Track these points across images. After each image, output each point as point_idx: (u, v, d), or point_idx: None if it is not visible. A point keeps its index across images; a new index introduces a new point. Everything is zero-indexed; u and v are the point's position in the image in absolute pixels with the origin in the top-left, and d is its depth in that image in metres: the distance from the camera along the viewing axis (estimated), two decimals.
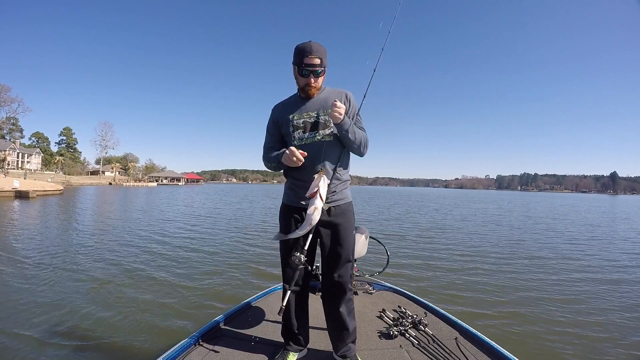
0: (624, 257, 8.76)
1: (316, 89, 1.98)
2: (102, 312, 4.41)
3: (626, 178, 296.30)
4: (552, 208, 32.34)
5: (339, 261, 2.01)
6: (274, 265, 6.89)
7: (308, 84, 1.93)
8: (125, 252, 7.76)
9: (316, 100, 2.00)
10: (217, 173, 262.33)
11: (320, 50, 1.89)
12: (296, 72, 1.95)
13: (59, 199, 26.37)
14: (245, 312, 2.74)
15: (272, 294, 3.18)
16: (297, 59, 1.91)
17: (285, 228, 2.03)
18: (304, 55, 1.87)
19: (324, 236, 2.00)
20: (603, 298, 5.37)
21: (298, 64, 1.90)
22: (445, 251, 8.83)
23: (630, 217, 23.05)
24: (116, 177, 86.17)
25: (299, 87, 2.01)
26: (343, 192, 2.04)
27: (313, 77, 1.91)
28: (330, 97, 1.99)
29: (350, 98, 2.06)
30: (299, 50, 1.89)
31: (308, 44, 1.88)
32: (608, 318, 4.58)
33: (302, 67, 1.89)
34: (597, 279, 6.42)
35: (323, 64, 1.91)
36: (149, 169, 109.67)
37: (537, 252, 8.98)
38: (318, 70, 1.90)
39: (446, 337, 2.33)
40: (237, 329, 2.43)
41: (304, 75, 1.91)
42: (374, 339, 2.33)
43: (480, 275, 6.47)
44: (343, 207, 2.03)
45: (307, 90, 1.96)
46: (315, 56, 1.87)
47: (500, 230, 13.40)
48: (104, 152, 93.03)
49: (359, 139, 1.95)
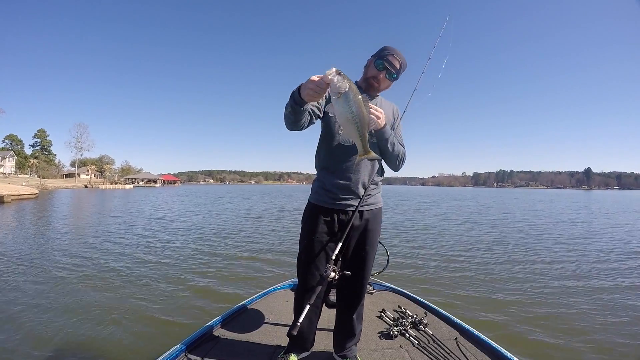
0: (621, 255, 8.55)
1: (378, 89, 1.90)
2: (76, 323, 4.15)
3: (600, 174, 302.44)
4: (532, 204, 32.97)
5: (364, 269, 1.91)
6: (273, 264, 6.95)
7: (376, 78, 1.84)
8: (101, 258, 7.50)
9: (373, 102, 1.89)
10: (194, 174, 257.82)
11: (404, 61, 1.85)
12: (372, 62, 1.88)
13: (34, 203, 25.43)
14: (244, 314, 2.70)
15: (272, 294, 3.14)
16: (380, 52, 1.84)
17: (311, 233, 1.86)
18: (390, 53, 1.81)
19: (352, 241, 1.88)
20: (604, 298, 5.27)
21: (379, 56, 1.83)
22: (445, 251, 8.76)
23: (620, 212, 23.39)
24: (92, 179, 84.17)
25: (363, 77, 1.93)
26: (377, 196, 1.96)
27: (384, 76, 1.84)
28: (384, 106, 1.94)
29: (398, 112, 2.03)
30: (386, 48, 1.83)
31: (397, 50, 1.83)
32: (609, 318, 4.50)
33: (382, 59, 1.81)
34: (597, 280, 6.30)
35: (399, 73, 1.86)
36: (125, 171, 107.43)
37: (536, 252, 8.88)
38: (393, 74, 1.84)
39: (446, 337, 2.32)
40: (235, 332, 2.38)
41: (379, 68, 1.83)
42: (374, 339, 2.32)
43: (481, 275, 6.44)
44: (375, 211, 1.94)
45: (370, 83, 1.87)
46: (398, 60, 1.82)
47: (496, 230, 13.17)
48: (79, 154, 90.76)
49: (397, 152, 1.87)
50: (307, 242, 1.87)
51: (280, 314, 2.72)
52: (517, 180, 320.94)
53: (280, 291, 3.26)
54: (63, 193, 44.05)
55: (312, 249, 1.85)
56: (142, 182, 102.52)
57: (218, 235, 11.09)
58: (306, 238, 1.89)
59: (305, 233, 1.91)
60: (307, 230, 1.89)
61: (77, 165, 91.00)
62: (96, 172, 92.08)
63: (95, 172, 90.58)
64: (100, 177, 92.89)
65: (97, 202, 28.35)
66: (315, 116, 1.79)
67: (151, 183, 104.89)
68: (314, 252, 1.85)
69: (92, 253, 8.08)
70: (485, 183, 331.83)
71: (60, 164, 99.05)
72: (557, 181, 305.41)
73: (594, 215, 21.46)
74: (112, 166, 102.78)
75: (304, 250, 1.89)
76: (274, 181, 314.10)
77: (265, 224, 14.24)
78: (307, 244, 1.87)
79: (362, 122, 1.41)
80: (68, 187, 65.87)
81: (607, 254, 8.69)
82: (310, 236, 1.86)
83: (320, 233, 1.84)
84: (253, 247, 9.16)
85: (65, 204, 26.03)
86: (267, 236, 11.04)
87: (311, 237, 1.85)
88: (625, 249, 9.47)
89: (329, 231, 1.86)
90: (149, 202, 29.25)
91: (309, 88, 1.43)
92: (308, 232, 1.88)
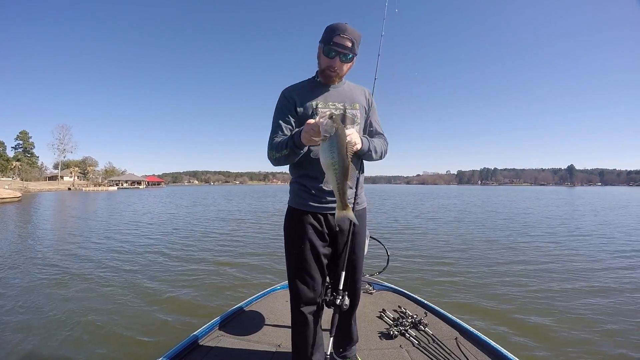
0: (616, 253, 8.45)
1: (339, 76, 1.74)
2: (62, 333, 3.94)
3: (583, 170, 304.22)
4: (525, 201, 32.73)
5: (356, 272, 1.84)
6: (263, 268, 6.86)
7: (331, 67, 1.68)
8: (86, 264, 7.28)
9: (342, 90, 1.78)
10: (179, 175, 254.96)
11: (355, 34, 1.63)
12: (321, 51, 1.69)
13: (17, 206, 24.94)
14: (244, 314, 2.68)
15: (271, 294, 3.12)
16: (326, 37, 1.64)
17: (298, 241, 1.70)
18: (336, 33, 1.61)
19: (340, 244, 1.77)
20: (605, 297, 5.19)
21: (326, 41, 1.64)
22: (444, 251, 8.73)
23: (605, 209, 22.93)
24: (75, 181, 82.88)
25: (319, 70, 1.76)
26: (361, 196, 1.82)
27: (339, 61, 1.66)
28: (355, 90, 1.82)
29: (369, 95, 1.88)
30: (331, 28, 1.63)
31: (342, 24, 1.62)
32: (610, 318, 4.41)
33: (329, 45, 1.62)
34: (597, 279, 6.18)
35: (354, 50, 1.66)
36: (109, 173, 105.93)
37: (534, 251, 8.81)
38: (348, 55, 1.65)
39: (446, 337, 2.32)
40: (236, 332, 2.37)
41: (330, 56, 1.65)
42: (374, 339, 2.31)
43: (480, 275, 6.40)
44: (360, 212, 1.81)
45: (327, 74, 1.71)
46: (348, 38, 1.61)
47: (493, 230, 12.96)
48: (62, 156, 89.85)
49: (379, 153, 1.79)
50: (296, 252, 1.71)
51: (280, 314, 2.72)
52: (500, 178, 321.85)
53: (280, 291, 3.25)
54: (46, 196, 43.27)
55: (303, 259, 1.70)
56: (126, 183, 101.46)
57: (199, 239, 10.65)
58: (295, 247, 1.72)
59: (292, 242, 1.75)
60: (294, 238, 1.73)
61: (60, 167, 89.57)
62: (79, 174, 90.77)
63: (78, 174, 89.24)
64: (84, 179, 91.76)
65: (80, 205, 27.62)
66: None
67: (135, 184, 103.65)
68: (307, 264, 1.70)
69: (73, 262, 7.62)
70: (470, 181, 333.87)
71: (43, 166, 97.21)
72: (540, 178, 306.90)
73: (585, 212, 21.13)
74: (96, 168, 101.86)
75: (295, 262, 1.74)
76: (259, 181, 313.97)
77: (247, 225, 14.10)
78: (297, 254, 1.71)
79: (343, 171, 1.39)
80: (51, 189, 65.09)
81: (612, 253, 8.54)
82: (299, 244, 1.70)
83: (309, 240, 1.69)
84: (243, 250, 9.01)
85: (47, 207, 25.48)
86: (254, 239, 10.89)
87: (300, 246, 1.70)
88: (626, 249, 9.23)
89: (317, 236, 1.72)
90: (130, 203, 28.80)
91: (304, 131, 1.43)
92: (295, 240, 1.72)
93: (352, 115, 1.75)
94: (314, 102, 1.70)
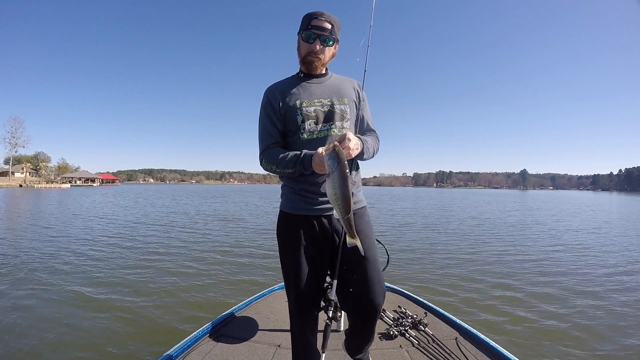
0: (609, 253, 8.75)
1: (322, 63, 1.64)
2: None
3: (535, 175, 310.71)
4: (493, 204, 33.80)
5: (373, 276, 1.61)
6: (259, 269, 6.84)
7: (313, 52, 1.59)
8: (50, 266, 6.80)
9: (328, 85, 1.69)
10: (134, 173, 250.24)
11: (333, 17, 1.59)
12: (300, 39, 1.63)
13: None
14: (244, 314, 2.70)
15: (271, 294, 3.17)
16: (303, 23, 1.59)
17: (293, 249, 1.63)
18: (313, 17, 1.57)
19: (346, 250, 1.57)
20: (605, 297, 5.29)
21: (304, 27, 1.58)
22: (444, 251, 8.85)
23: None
24: (27, 178, 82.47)
25: (300, 60, 1.67)
26: (358, 194, 1.71)
27: (319, 45, 1.58)
28: (343, 84, 1.72)
29: (359, 88, 1.79)
30: (308, 15, 1.59)
31: (319, 11, 1.58)
32: (610, 318, 4.47)
33: (308, 29, 1.56)
34: (597, 279, 6.29)
35: (334, 33, 1.59)
36: (62, 169, 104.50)
37: (534, 251, 9.03)
38: (327, 39, 1.58)
39: (446, 337, 2.32)
40: (236, 332, 2.38)
41: (310, 41, 1.58)
42: (374, 339, 2.11)
43: (480, 275, 6.47)
44: (361, 211, 1.71)
45: (309, 59, 1.62)
46: (326, 20, 1.56)
47: (489, 230, 13.20)
48: (14, 150, 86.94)
49: (372, 152, 1.70)
50: (291, 259, 1.64)
51: (280, 314, 2.75)
52: (455, 181, 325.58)
53: (280, 291, 3.25)
54: None
55: (298, 266, 1.62)
56: (80, 181, 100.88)
57: (198, 240, 10.47)
58: (289, 255, 1.66)
59: (286, 249, 1.68)
60: (288, 244, 1.67)
61: (12, 162, 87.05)
62: (31, 170, 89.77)
63: (30, 170, 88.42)
64: (36, 176, 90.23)
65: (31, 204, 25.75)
66: None
67: (89, 182, 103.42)
68: (301, 271, 1.62)
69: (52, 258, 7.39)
70: (425, 183, 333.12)
71: None
72: (494, 182, 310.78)
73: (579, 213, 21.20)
74: (49, 164, 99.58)
75: (290, 269, 1.66)
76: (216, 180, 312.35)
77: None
78: (291, 261, 1.64)
79: (345, 204, 1.37)
80: (2, 186, 64.71)
81: (612, 253, 8.72)
82: (293, 251, 1.63)
83: (303, 246, 1.62)
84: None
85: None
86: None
87: (294, 253, 1.62)
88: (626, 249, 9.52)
89: (312, 242, 1.63)
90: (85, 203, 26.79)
91: (315, 162, 1.43)
92: (289, 247, 1.65)
93: (341, 111, 1.65)
94: (297, 101, 1.61)
